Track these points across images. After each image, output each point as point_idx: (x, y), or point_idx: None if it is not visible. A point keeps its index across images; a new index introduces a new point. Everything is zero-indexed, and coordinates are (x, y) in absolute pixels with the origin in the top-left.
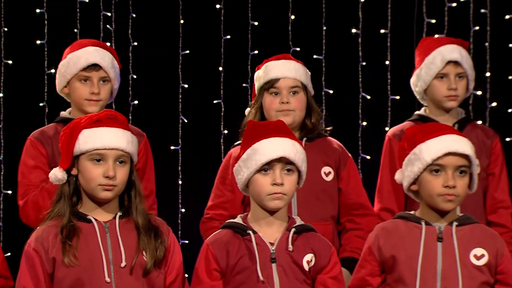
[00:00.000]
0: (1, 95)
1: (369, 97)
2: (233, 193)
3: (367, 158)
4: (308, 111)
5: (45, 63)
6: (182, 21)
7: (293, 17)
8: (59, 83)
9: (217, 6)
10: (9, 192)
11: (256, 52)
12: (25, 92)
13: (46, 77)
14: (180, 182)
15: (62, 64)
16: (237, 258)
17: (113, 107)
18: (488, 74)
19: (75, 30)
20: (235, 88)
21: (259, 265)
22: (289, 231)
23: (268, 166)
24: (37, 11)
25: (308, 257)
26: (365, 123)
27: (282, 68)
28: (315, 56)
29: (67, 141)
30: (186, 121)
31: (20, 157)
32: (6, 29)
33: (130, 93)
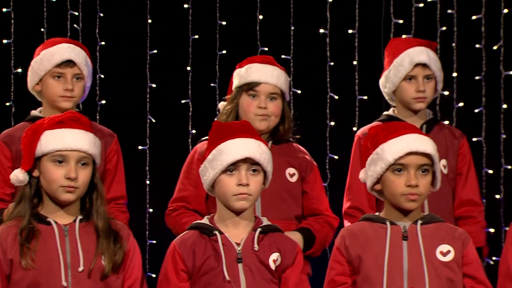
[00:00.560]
0: None
1: (337, 97)
2: (196, 188)
3: (335, 158)
4: (281, 117)
5: (11, 62)
6: (150, 21)
7: (261, 17)
8: (31, 80)
9: (185, 5)
10: None
11: (224, 52)
12: None
13: (12, 77)
14: (148, 182)
15: (35, 61)
16: (204, 258)
17: (81, 107)
18: (455, 74)
19: (42, 30)
20: (203, 88)
21: (225, 265)
22: (255, 231)
23: (233, 166)
24: (4, 10)
25: (274, 256)
26: (333, 123)
27: (265, 73)
28: (283, 56)
29: (29, 142)
30: (154, 121)
31: None
32: None
33: (98, 92)
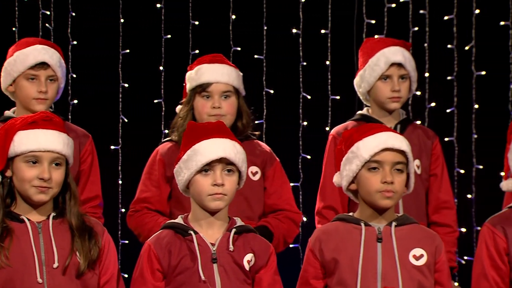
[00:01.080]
0: None
1: (309, 97)
2: (158, 189)
3: (308, 157)
4: (239, 113)
5: None
6: (122, 20)
7: (234, 16)
8: (4, 81)
9: (158, 5)
10: None
11: (197, 51)
12: None
13: None
14: (120, 182)
15: (8, 62)
16: (179, 258)
17: (53, 107)
18: (427, 74)
19: (14, 29)
20: (175, 88)
21: (201, 265)
22: (229, 231)
23: (208, 166)
24: None
25: (248, 257)
26: (305, 123)
27: (215, 73)
28: (256, 56)
29: (1, 142)
30: (126, 120)
31: None
32: None
33: (70, 92)
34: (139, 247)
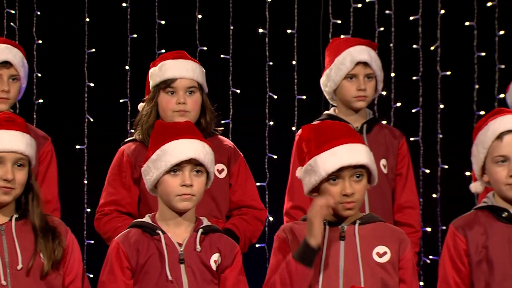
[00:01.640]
0: None
1: (276, 97)
2: (129, 191)
3: (274, 157)
4: (202, 110)
5: None
6: (88, 20)
7: (200, 16)
8: None
9: (124, 4)
10: None
11: (163, 51)
12: None
13: None
14: (85, 182)
15: None
16: (147, 257)
17: (17, 106)
18: (392, 74)
19: None
20: (141, 87)
21: (168, 265)
22: (196, 231)
23: (177, 167)
24: None
25: (215, 257)
26: (272, 123)
27: (179, 68)
28: (222, 56)
29: None
30: (92, 120)
31: None
32: None
33: (35, 91)
34: (105, 247)
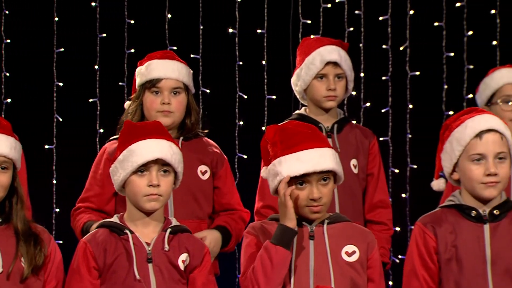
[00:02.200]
0: None
1: (245, 97)
2: (102, 188)
3: (244, 157)
4: (188, 110)
5: None
6: (56, 19)
7: (169, 16)
8: None
9: (93, 3)
10: None
11: (133, 50)
12: None
13: None
14: (54, 182)
15: None
16: (114, 256)
17: None
18: (362, 74)
19: None
20: (111, 87)
21: (136, 265)
22: (165, 231)
23: (144, 167)
24: None
25: (183, 257)
26: (242, 123)
27: (165, 69)
28: (192, 55)
29: None
30: (61, 120)
31: None
32: None
33: (3, 91)
34: (74, 247)
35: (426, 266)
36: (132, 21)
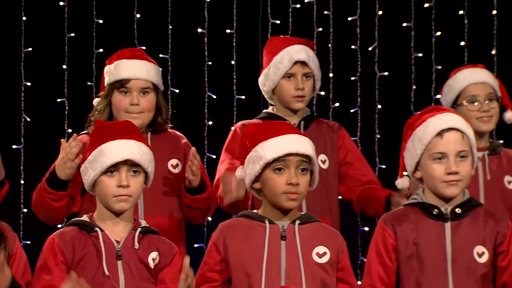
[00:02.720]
0: None
1: (214, 97)
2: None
3: (213, 157)
4: (158, 108)
5: None
6: (24, 18)
7: (138, 15)
8: None
9: (61, 3)
10: None
11: (101, 50)
12: None
13: None
14: (22, 182)
15: None
16: (83, 253)
17: None
18: (331, 74)
19: None
20: (79, 87)
21: (105, 261)
22: (135, 230)
23: (113, 168)
24: None
25: (153, 255)
26: (211, 123)
27: (134, 69)
28: (161, 55)
29: None
30: (28, 119)
31: None
32: None
33: None
34: (41, 247)
35: (383, 263)
36: (101, 21)
